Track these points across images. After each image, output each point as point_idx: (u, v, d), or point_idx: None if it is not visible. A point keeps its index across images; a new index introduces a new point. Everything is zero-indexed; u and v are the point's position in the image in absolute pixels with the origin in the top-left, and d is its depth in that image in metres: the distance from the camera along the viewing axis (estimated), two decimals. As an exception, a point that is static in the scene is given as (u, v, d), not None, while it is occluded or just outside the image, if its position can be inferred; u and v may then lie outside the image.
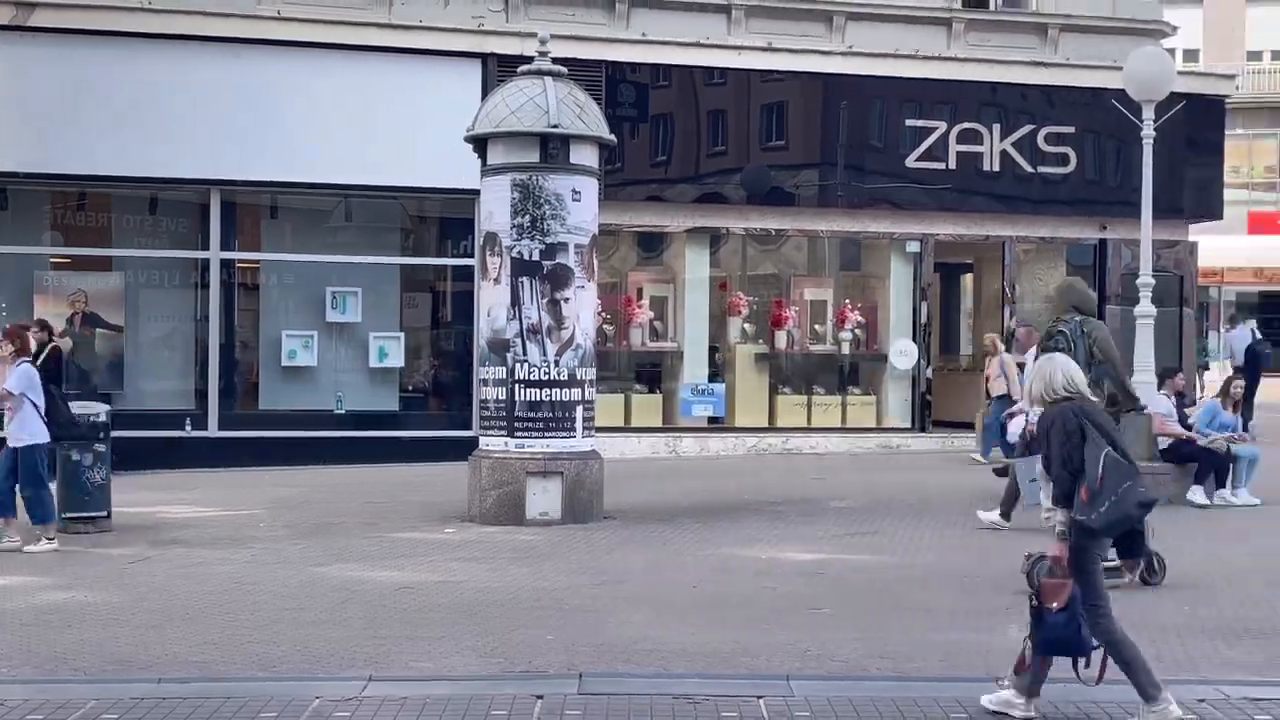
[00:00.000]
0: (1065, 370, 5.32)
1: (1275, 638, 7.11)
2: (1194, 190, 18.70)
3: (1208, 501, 11.91)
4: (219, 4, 15.15)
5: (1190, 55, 35.57)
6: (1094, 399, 5.91)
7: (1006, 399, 13.92)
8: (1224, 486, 12.04)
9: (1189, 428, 12.41)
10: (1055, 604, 4.95)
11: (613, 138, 11.81)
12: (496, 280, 11.01)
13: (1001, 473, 12.11)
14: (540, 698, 5.60)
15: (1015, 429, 11.53)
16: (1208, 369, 26.06)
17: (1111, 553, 6.09)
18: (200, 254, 15.49)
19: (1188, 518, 11.39)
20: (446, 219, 17.05)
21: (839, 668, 6.43)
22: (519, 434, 10.86)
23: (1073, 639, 4.97)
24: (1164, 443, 12.03)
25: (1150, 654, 5.38)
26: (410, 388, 16.74)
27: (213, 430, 15.14)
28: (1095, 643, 4.97)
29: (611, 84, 16.00)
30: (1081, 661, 5.01)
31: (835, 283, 18.32)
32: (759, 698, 5.72)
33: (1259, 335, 22.33)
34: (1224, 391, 12.95)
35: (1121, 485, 4.95)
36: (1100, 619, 4.99)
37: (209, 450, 14.93)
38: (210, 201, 15.27)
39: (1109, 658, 5.04)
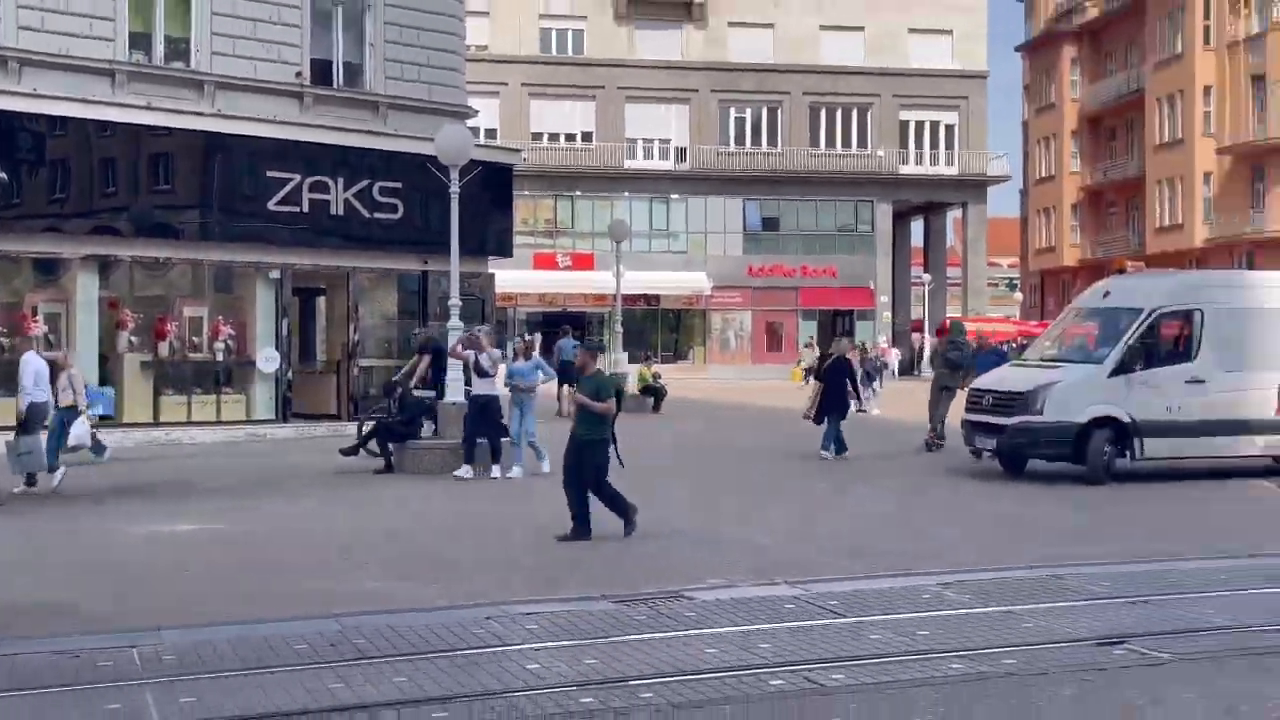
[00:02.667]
0: None
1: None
2: (492, 235, 24.34)
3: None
4: None
5: (490, 133, 44.93)
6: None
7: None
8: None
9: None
10: None
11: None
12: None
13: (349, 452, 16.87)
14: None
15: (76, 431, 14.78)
16: None
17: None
18: None
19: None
20: None
21: (203, 618, 7.69)
22: None
23: None
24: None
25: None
26: None
27: None
28: None
29: (8, 132, 19.04)
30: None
31: (212, 302, 22.31)
32: (132, 647, 6.82)
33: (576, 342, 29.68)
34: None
35: None
36: None
37: None
38: None
39: None
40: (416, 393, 17.86)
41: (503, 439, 15.92)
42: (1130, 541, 11.28)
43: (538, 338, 30.85)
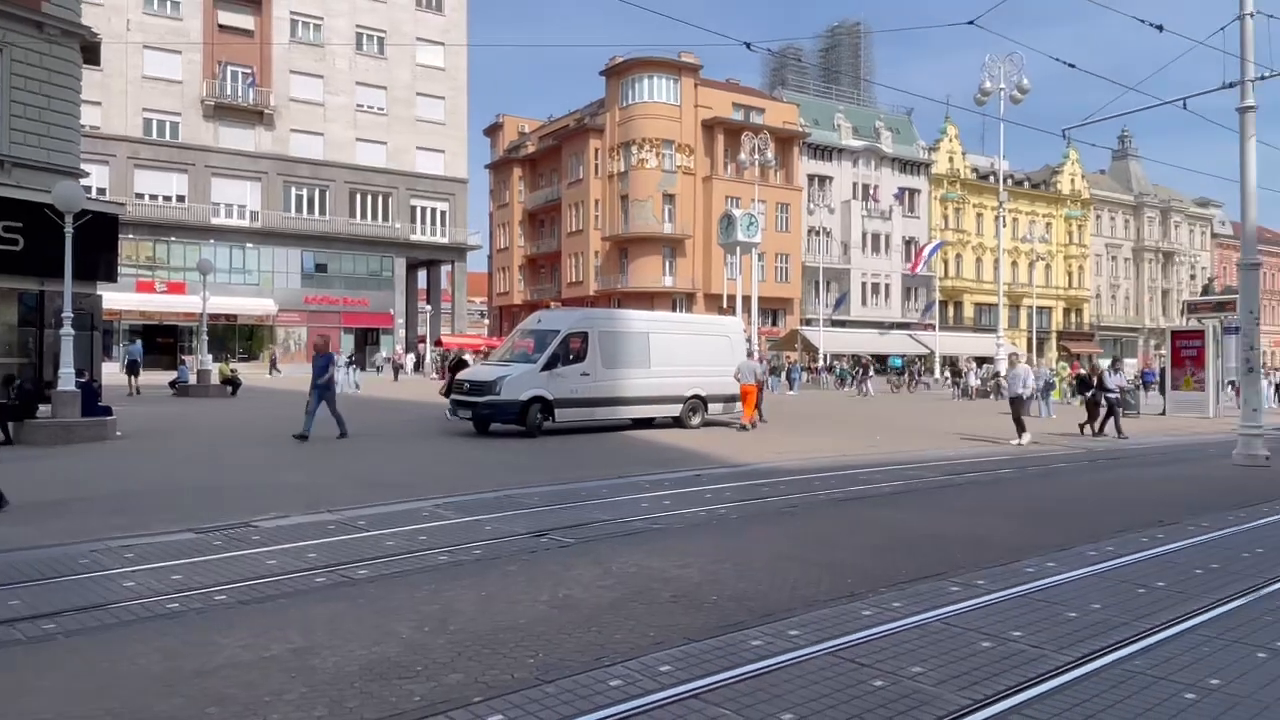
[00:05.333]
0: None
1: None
2: (101, 265, 20.51)
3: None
4: None
5: (101, 191, 39.58)
6: None
7: None
8: None
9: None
10: None
11: None
12: None
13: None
14: None
15: None
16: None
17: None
18: None
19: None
20: None
21: None
22: None
23: None
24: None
25: None
26: None
27: None
28: None
29: None
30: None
31: None
32: None
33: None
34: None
35: None
36: None
37: None
38: None
39: None
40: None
41: None
42: (553, 472, 11.71)
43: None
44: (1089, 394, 20.14)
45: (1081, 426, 19.79)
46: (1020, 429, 17.30)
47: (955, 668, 4.18)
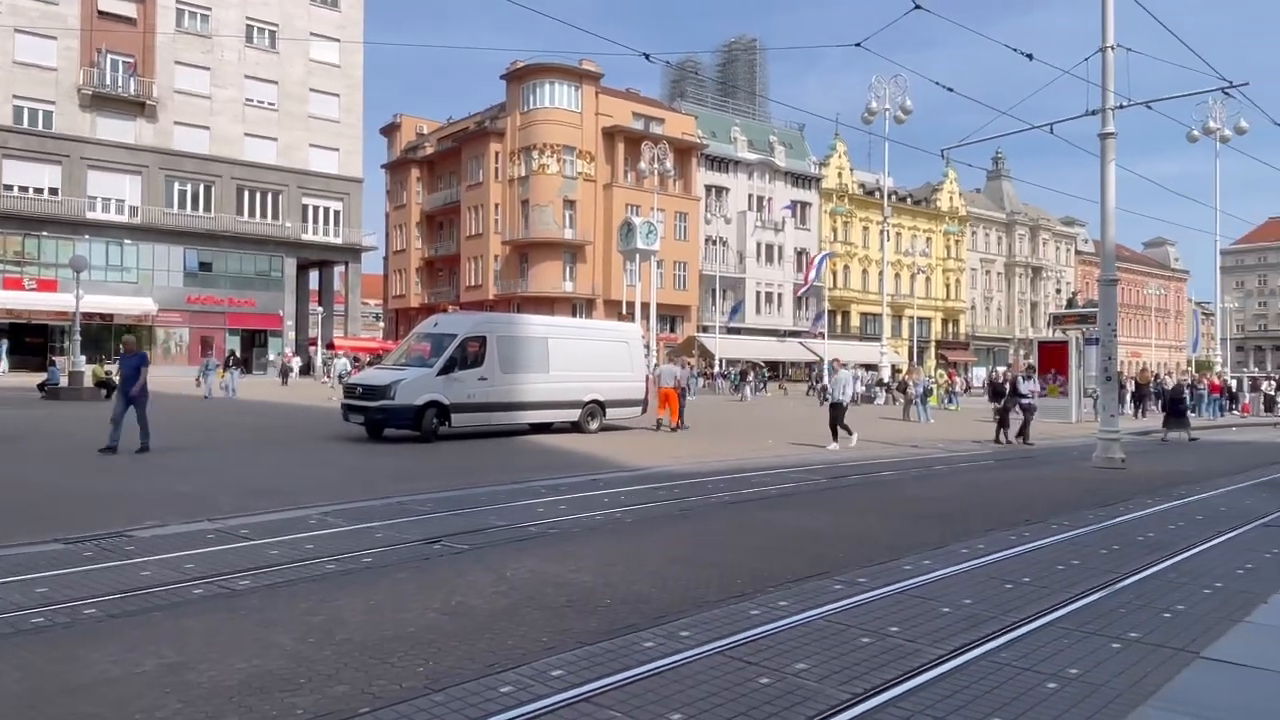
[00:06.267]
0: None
1: None
2: None
3: None
4: None
5: None
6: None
7: None
8: None
9: None
10: None
11: None
12: None
13: None
14: None
15: None
16: None
17: None
18: None
19: None
20: None
21: None
22: None
23: None
24: None
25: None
26: None
27: None
28: None
29: None
30: None
31: None
32: None
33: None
34: None
35: None
36: None
37: None
38: None
39: None
40: None
41: None
42: (447, 478, 11.47)
43: None
44: (1002, 402, 19.44)
45: (996, 435, 19.17)
46: (835, 435, 16.93)
47: (837, 663, 4.31)
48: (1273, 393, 39.49)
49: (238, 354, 42.42)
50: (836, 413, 17.30)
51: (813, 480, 12.28)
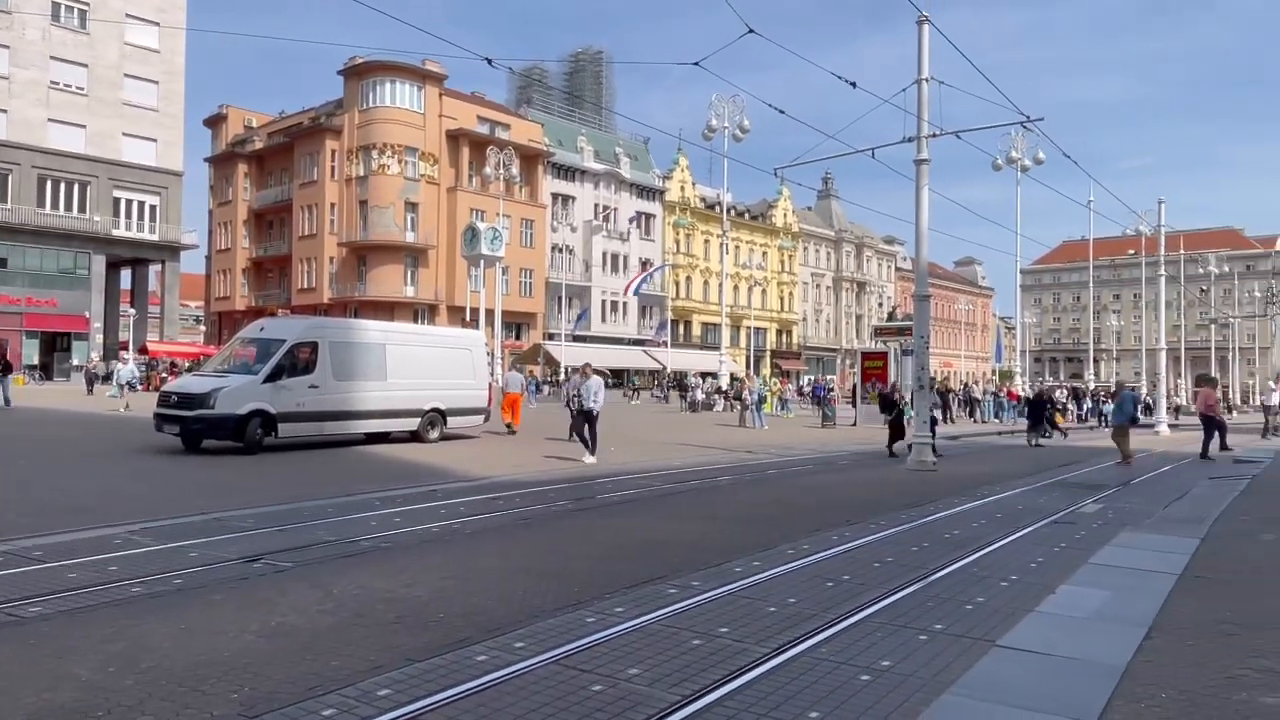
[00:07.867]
0: None
1: None
2: None
3: None
4: None
5: None
6: None
7: None
8: None
9: None
10: None
11: None
12: None
13: None
14: None
15: None
16: None
17: None
18: None
19: None
20: None
21: None
22: None
23: None
24: None
25: None
26: None
27: None
28: None
29: None
30: None
31: None
32: None
33: None
34: None
35: None
36: None
37: None
38: None
39: None
40: None
41: None
42: (271, 491, 10.89)
43: None
44: (892, 414, 19.68)
45: (890, 448, 19.01)
46: (588, 447, 15.22)
47: (668, 666, 4.39)
48: (1064, 400, 43.53)
49: (36, 360, 38.58)
50: (587, 421, 15.30)
51: (653, 486, 12.48)
